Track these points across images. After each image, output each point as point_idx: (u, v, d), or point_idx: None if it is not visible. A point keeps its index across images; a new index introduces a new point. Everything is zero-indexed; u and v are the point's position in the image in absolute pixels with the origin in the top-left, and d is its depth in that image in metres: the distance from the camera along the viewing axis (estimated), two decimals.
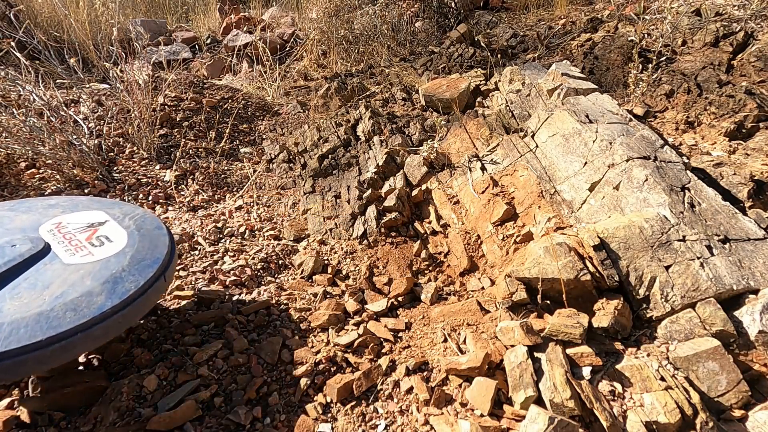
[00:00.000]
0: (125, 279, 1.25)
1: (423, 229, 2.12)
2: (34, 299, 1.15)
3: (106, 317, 1.16)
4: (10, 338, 1.05)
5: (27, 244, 1.31)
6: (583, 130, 1.94)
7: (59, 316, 1.12)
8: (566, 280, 1.41)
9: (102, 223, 1.47)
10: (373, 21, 4.45)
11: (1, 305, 1.12)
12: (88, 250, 1.34)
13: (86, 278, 1.23)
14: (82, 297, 1.17)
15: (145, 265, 1.32)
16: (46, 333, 1.08)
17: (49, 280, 1.22)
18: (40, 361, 1.08)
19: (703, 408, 1.13)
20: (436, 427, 1.20)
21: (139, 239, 1.41)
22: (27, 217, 1.47)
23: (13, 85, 2.60)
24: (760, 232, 1.48)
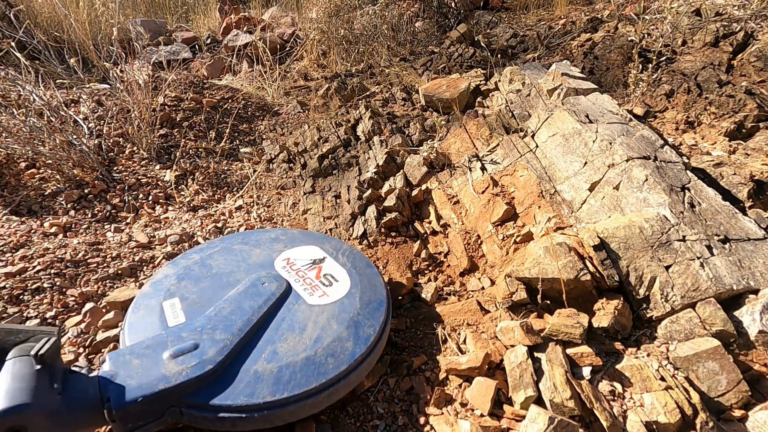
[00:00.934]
0: (363, 323, 1.25)
1: (423, 229, 2.12)
2: (297, 342, 1.14)
3: (358, 365, 1.16)
4: (291, 383, 1.04)
5: (273, 282, 1.31)
6: (583, 130, 1.94)
7: (323, 363, 1.10)
8: (566, 280, 1.41)
9: (322, 260, 1.48)
10: (373, 21, 4.45)
11: (273, 347, 1.11)
12: (322, 290, 1.34)
13: (332, 321, 1.22)
14: (336, 342, 1.16)
15: (374, 308, 1.32)
16: (318, 379, 1.07)
17: (303, 322, 1.21)
18: (314, 407, 1.07)
19: (703, 408, 1.13)
20: (436, 427, 1.20)
21: (359, 279, 1.41)
22: (260, 251, 1.48)
23: (13, 85, 2.60)
24: (760, 232, 1.48)
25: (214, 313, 1.17)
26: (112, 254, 1.87)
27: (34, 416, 0.79)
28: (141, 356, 1.01)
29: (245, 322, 1.15)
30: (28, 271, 1.69)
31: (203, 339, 1.08)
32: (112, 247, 1.92)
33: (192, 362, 1.01)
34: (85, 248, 1.86)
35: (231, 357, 1.07)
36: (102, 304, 1.62)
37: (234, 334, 1.11)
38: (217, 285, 1.30)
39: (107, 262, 1.83)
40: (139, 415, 0.93)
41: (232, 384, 1.02)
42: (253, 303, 1.22)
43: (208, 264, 1.40)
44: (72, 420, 0.88)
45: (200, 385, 1.00)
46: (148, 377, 0.96)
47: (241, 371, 1.05)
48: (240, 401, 0.99)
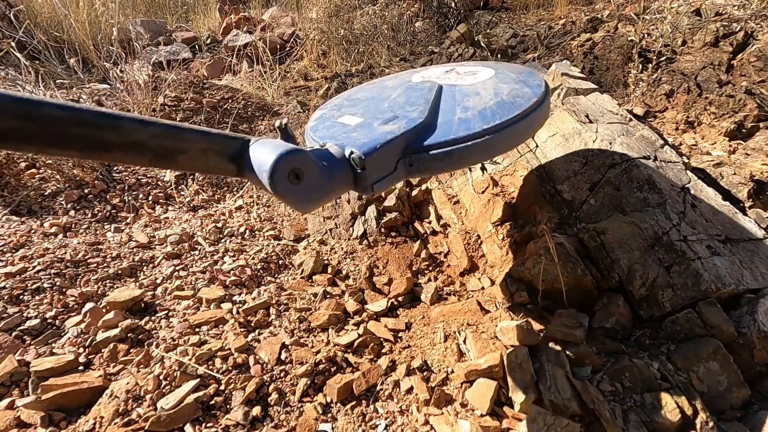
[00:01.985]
0: (527, 80, 1.36)
1: (423, 229, 2.12)
2: (481, 99, 1.23)
3: (542, 100, 1.26)
4: (495, 116, 1.14)
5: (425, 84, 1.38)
6: (583, 130, 1.94)
7: (513, 102, 1.21)
8: (566, 280, 1.41)
9: (451, 69, 1.55)
10: (373, 21, 4.45)
11: (463, 105, 1.22)
12: (471, 78, 1.42)
13: (499, 84, 1.33)
14: (514, 91, 1.27)
15: (527, 72, 1.44)
16: (517, 109, 1.17)
17: (474, 90, 1.31)
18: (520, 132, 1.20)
19: (703, 408, 1.13)
20: (436, 427, 1.20)
21: (496, 65, 1.53)
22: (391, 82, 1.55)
23: (13, 85, 2.60)
24: (760, 232, 1.48)
25: (391, 105, 1.26)
26: (112, 254, 1.87)
27: (308, 161, 0.88)
28: (356, 131, 1.11)
29: (424, 100, 1.24)
30: (28, 271, 1.69)
31: (398, 113, 1.18)
32: (112, 247, 1.92)
33: (402, 122, 1.11)
34: (85, 248, 1.86)
35: (430, 116, 1.17)
36: (102, 304, 1.62)
37: (422, 104, 1.21)
38: (375, 101, 1.37)
39: (107, 262, 1.83)
40: (378, 166, 1.02)
41: (446, 128, 1.12)
42: (419, 93, 1.31)
43: (354, 97, 1.46)
44: (331, 174, 0.97)
45: (418, 136, 1.10)
46: (374, 135, 1.05)
47: (447, 121, 1.15)
48: (461, 133, 1.09)
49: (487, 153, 1.15)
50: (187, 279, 1.82)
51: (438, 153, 1.07)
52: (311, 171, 0.89)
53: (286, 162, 0.82)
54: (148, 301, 1.68)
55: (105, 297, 1.66)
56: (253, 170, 0.85)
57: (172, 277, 1.82)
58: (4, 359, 1.36)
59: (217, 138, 0.84)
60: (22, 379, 1.33)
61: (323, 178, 0.93)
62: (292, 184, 0.85)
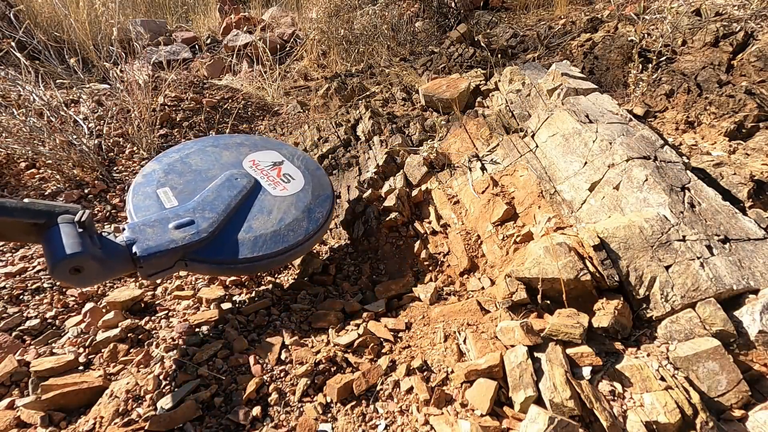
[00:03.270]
0: (314, 210, 1.70)
1: (423, 229, 2.12)
2: (266, 221, 1.57)
3: (309, 237, 1.62)
4: (264, 247, 1.50)
5: (244, 178, 1.68)
6: (583, 130, 1.94)
7: (286, 235, 1.56)
8: (566, 280, 1.41)
9: (281, 162, 1.86)
10: (373, 21, 4.45)
11: (249, 224, 1.54)
12: (282, 185, 1.73)
13: (291, 208, 1.65)
14: (294, 222, 1.61)
15: (322, 200, 1.76)
16: (283, 244, 1.54)
17: (270, 207, 1.62)
18: (279, 263, 1.59)
19: (703, 408, 1.13)
20: (436, 427, 1.20)
21: (311, 178, 1.83)
22: (229, 153, 1.82)
23: (13, 85, 2.60)
24: (760, 232, 1.48)
25: (201, 199, 1.53)
26: None
27: (87, 260, 1.13)
28: (152, 226, 1.37)
29: (226, 206, 1.53)
30: (28, 271, 1.69)
31: (196, 217, 1.45)
32: None
33: (191, 231, 1.40)
34: None
35: (218, 229, 1.46)
36: (102, 304, 1.62)
37: (219, 214, 1.49)
38: (198, 179, 1.64)
39: None
40: (157, 264, 1.31)
41: (223, 246, 1.45)
42: (231, 192, 1.58)
43: (188, 162, 1.71)
44: (110, 266, 1.23)
45: (199, 247, 1.40)
46: (161, 240, 1.33)
47: (228, 239, 1.47)
48: (227, 257, 1.44)
49: (246, 272, 1.56)
50: (187, 279, 1.82)
51: (207, 266, 1.44)
52: (90, 267, 1.16)
53: (66, 264, 1.08)
54: (148, 301, 1.68)
55: (105, 297, 1.66)
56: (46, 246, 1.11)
57: (172, 276, 1.82)
58: (4, 359, 1.36)
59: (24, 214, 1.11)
60: (22, 379, 1.33)
61: (102, 269, 1.20)
62: (71, 274, 1.13)
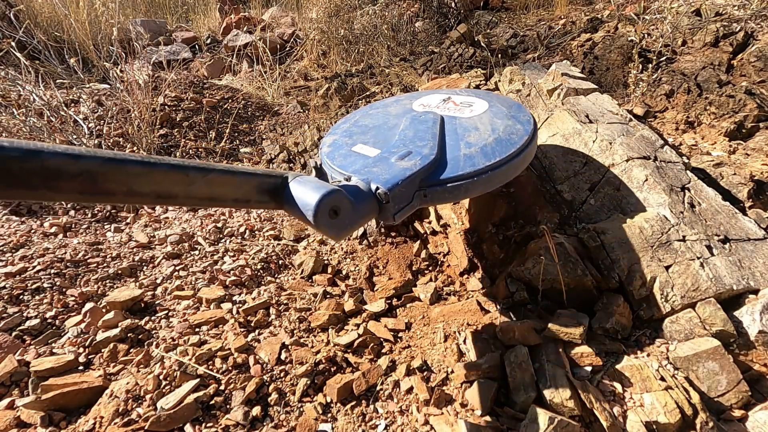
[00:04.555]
0: (517, 115, 1.52)
1: (423, 229, 2.12)
2: (480, 135, 1.41)
3: (531, 138, 1.43)
4: (495, 153, 1.32)
5: (427, 114, 1.55)
6: (583, 130, 1.94)
7: (509, 139, 1.38)
8: (566, 280, 1.41)
9: (448, 98, 1.74)
10: (373, 21, 4.45)
11: (465, 140, 1.38)
12: (468, 109, 1.60)
13: (494, 119, 1.49)
14: (508, 128, 1.44)
15: (517, 107, 1.62)
16: (513, 147, 1.35)
17: (473, 125, 1.47)
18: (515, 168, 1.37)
19: (703, 408, 1.13)
20: (436, 427, 1.20)
21: (489, 98, 1.70)
22: (394, 107, 1.74)
23: (13, 85, 2.60)
24: (760, 232, 1.48)
25: (402, 138, 1.40)
26: (112, 254, 1.87)
27: (342, 198, 1.02)
28: (376, 165, 1.25)
29: (432, 134, 1.39)
30: (28, 271, 1.69)
31: (411, 148, 1.32)
32: (112, 247, 1.92)
33: (417, 158, 1.25)
34: (85, 248, 1.86)
35: (440, 151, 1.32)
36: (102, 304, 1.62)
37: (431, 140, 1.35)
38: (383, 130, 1.52)
39: (107, 262, 1.83)
40: (399, 199, 1.17)
41: (454, 165, 1.28)
42: (425, 126, 1.45)
43: (361, 124, 1.61)
44: (358, 208, 1.11)
45: (431, 171, 1.25)
46: (395, 172, 1.20)
47: (454, 158, 1.30)
48: (468, 170, 1.25)
49: (489, 186, 1.32)
50: (187, 279, 1.82)
51: (449, 187, 1.24)
52: (346, 207, 1.03)
53: (327, 202, 0.96)
54: (148, 301, 1.68)
55: (105, 297, 1.66)
56: (292, 205, 0.99)
57: (172, 277, 1.82)
58: (4, 359, 1.36)
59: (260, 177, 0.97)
60: (22, 379, 1.33)
61: (355, 212, 1.08)
62: (331, 219, 1.00)
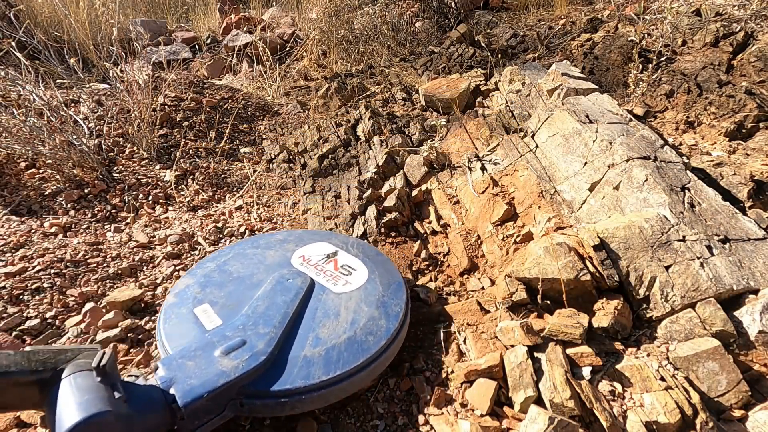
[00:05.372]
0: (389, 303, 1.34)
1: (423, 229, 2.12)
2: (336, 326, 1.23)
3: (393, 339, 1.26)
4: (339, 362, 1.14)
5: (297, 277, 1.37)
6: (583, 130, 1.94)
7: (365, 340, 1.20)
8: (566, 280, 1.41)
9: (335, 253, 1.55)
10: (373, 21, 4.45)
11: (315, 333, 1.21)
12: (344, 279, 1.41)
13: (361, 305, 1.31)
14: (370, 322, 1.26)
15: (395, 289, 1.42)
16: (364, 355, 1.17)
17: (335, 308, 1.30)
18: (360, 382, 1.17)
19: (703, 408, 1.13)
20: (436, 427, 1.20)
21: (374, 266, 1.49)
22: (273, 252, 1.53)
23: (13, 85, 2.60)
24: (760, 232, 1.48)
25: (251, 311, 1.23)
26: (112, 254, 1.87)
27: (110, 424, 0.80)
28: (193, 358, 1.06)
29: (283, 315, 1.22)
30: (28, 271, 1.69)
31: (248, 335, 1.14)
32: (112, 247, 1.92)
33: (245, 356, 1.08)
34: (85, 248, 1.86)
35: (278, 347, 1.14)
36: (102, 304, 1.62)
37: (276, 327, 1.18)
38: (242, 287, 1.35)
39: (107, 262, 1.83)
40: (204, 412, 0.98)
41: (286, 370, 1.09)
42: (285, 298, 1.28)
43: (226, 270, 1.43)
44: (142, 424, 0.90)
45: (256, 376, 1.07)
46: (207, 375, 1.01)
47: (291, 358, 1.13)
48: (298, 384, 1.07)
49: (322, 403, 1.14)
50: None
51: (270, 402, 1.06)
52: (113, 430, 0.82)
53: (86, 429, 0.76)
54: (148, 301, 1.68)
55: (105, 297, 1.66)
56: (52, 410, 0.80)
57: (172, 277, 1.82)
58: None
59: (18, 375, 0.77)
60: None
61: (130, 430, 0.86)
62: None
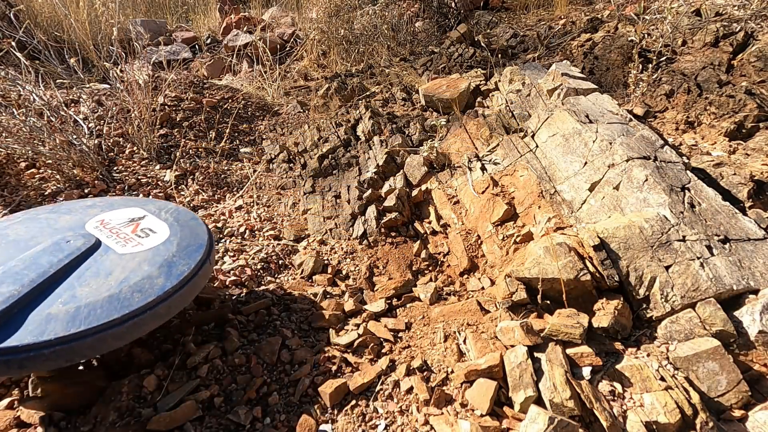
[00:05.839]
0: (177, 263, 1.33)
1: (423, 229, 2.12)
2: (101, 285, 1.21)
3: (168, 296, 1.24)
4: (89, 318, 1.10)
5: (80, 239, 1.35)
6: (583, 130, 1.94)
7: (128, 297, 1.18)
8: (566, 280, 1.41)
9: (142, 218, 1.52)
10: (373, 21, 4.45)
11: (72, 292, 1.18)
12: (137, 241, 1.40)
13: (143, 264, 1.30)
14: (144, 280, 1.24)
15: (192, 250, 1.40)
16: (120, 311, 1.14)
17: (110, 268, 1.28)
18: (117, 337, 1.15)
19: (703, 408, 1.13)
20: (436, 427, 1.20)
21: (180, 229, 1.48)
22: (70, 217, 1.50)
23: (13, 85, 2.60)
24: (760, 232, 1.48)
25: (3, 271, 1.20)
26: None
27: None
28: None
29: (39, 274, 1.19)
30: None
31: None
32: None
33: None
34: None
35: (19, 306, 1.11)
36: None
37: (24, 286, 1.15)
38: (14, 250, 1.31)
39: None
40: None
41: (21, 328, 1.05)
42: (52, 258, 1.26)
43: (4, 233, 1.39)
44: None
45: None
46: None
47: (32, 316, 1.09)
48: (27, 341, 1.02)
49: (62, 359, 1.07)
50: None
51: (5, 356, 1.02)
52: None
53: None
54: None
55: None
56: None
57: None
58: None
59: None
60: (22, 379, 1.33)
61: None
62: None
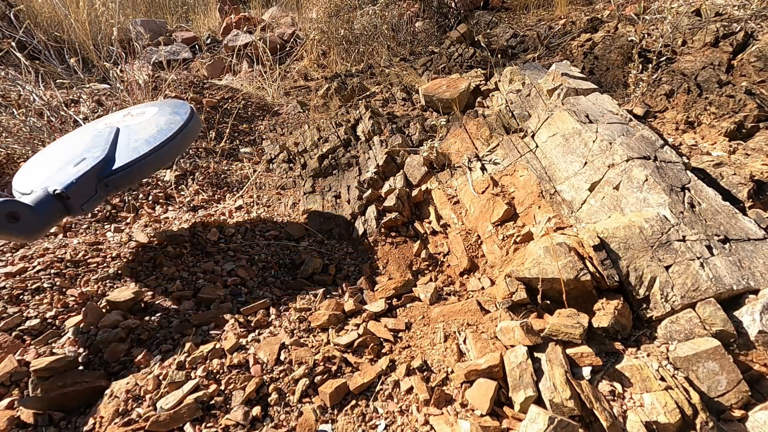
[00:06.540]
0: (179, 111, 1.89)
1: (423, 229, 2.12)
2: (145, 130, 1.76)
3: (187, 123, 1.80)
4: (157, 139, 1.69)
5: (105, 129, 1.81)
6: (583, 130, 1.94)
7: (167, 128, 1.75)
8: (566, 280, 1.41)
9: (128, 113, 2.00)
10: (373, 21, 4.45)
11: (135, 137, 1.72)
12: (139, 117, 1.90)
13: (159, 116, 1.86)
14: (169, 119, 1.81)
15: (180, 105, 1.95)
16: (168, 134, 1.71)
17: (141, 126, 1.80)
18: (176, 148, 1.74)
19: (703, 408, 1.13)
20: (436, 427, 1.20)
21: (166, 105, 1.97)
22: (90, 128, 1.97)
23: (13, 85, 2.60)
24: (760, 232, 1.48)
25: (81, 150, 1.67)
26: (112, 254, 1.87)
27: (18, 204, 1.27)
28: (56, 174, 1.52)
29: (105, 141, 1.69)
30: (28, 271, 1.69)
31: (85, 155, 1.59)
32: (112, 247, 1.92)
33: (89, 161, 1.55)
34: (85, 248, 1.86)
35: (111, 151, 1.64)
36: (102, 304, 1.62)
37: (102, 146, 1.65)
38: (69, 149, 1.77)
39: (107, 262, 1.83)
40: (80, 193, 1.45)
41: (124, 157, 1.61)
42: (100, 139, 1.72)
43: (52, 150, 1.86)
44: (42, 210, 1.37)
45: (104, 166, 1.57)
46: (69, 175, 1.48)
47: (124, 152, 1.64)
48: (134, 157, 1.60)
49: (159, 164, 1.69)
50: (188, 279, 1.82)
51: (122, 173, 1.57)
52: (24, 211, 1.28)
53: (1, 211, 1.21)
54: (148, 300, 1.68)
55: (105, 297, 1.65)
56: None
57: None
58: (4, 359, 1.36)
59: None
60: (22, 379, 1.33)
61: (38, 214, 1.33)
62: (11, 224, 1.25)
